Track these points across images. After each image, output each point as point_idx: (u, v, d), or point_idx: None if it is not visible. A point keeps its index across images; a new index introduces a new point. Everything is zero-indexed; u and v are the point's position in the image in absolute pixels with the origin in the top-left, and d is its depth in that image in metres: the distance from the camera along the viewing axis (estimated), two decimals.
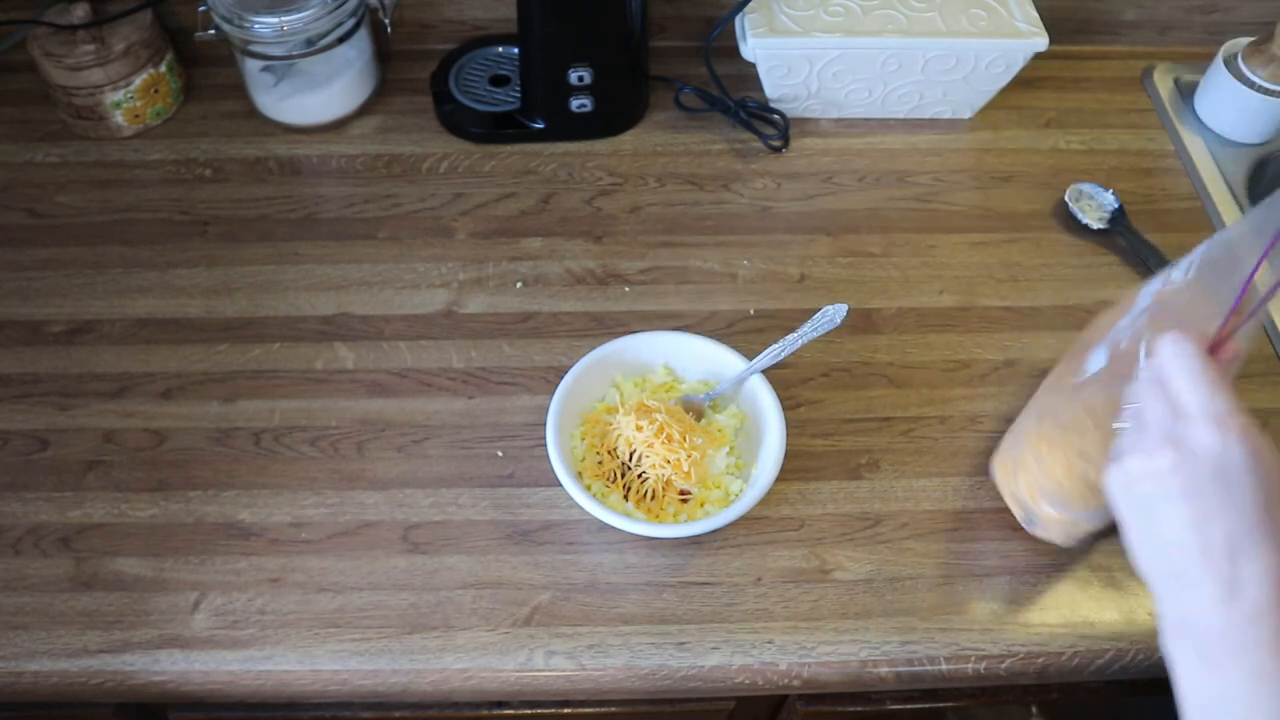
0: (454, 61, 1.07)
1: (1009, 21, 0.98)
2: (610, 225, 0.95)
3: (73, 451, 0.79)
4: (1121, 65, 1.11)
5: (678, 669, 0.71)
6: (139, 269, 0.91)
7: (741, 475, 0.76)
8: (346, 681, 0.70)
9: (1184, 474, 0.49)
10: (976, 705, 0.83)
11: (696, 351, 0.81)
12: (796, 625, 0.72)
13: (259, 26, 0.93)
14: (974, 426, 0.83)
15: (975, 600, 0.74)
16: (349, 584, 0.73)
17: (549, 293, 0.90)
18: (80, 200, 0.96)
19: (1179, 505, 0.49)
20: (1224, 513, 0.48)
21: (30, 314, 0.87)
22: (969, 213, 0.98)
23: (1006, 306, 0.91)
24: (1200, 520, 0.48)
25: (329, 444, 0.80)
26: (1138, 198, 0.98)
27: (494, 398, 0.83)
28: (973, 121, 1.05)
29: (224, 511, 0.76)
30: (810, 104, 1.03)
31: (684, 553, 0.76)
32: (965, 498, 0.79)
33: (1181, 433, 0.50)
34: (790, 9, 0.98)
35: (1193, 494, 0.49)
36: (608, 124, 1.02)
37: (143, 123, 1.01)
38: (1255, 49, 1.00)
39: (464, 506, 0.77)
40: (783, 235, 0.95)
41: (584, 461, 0.77)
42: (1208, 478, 0.48)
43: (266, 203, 0.96)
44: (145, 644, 0.70)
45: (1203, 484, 0.48)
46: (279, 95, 1.00)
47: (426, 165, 1.00)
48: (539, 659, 0.70)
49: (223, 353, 0.85)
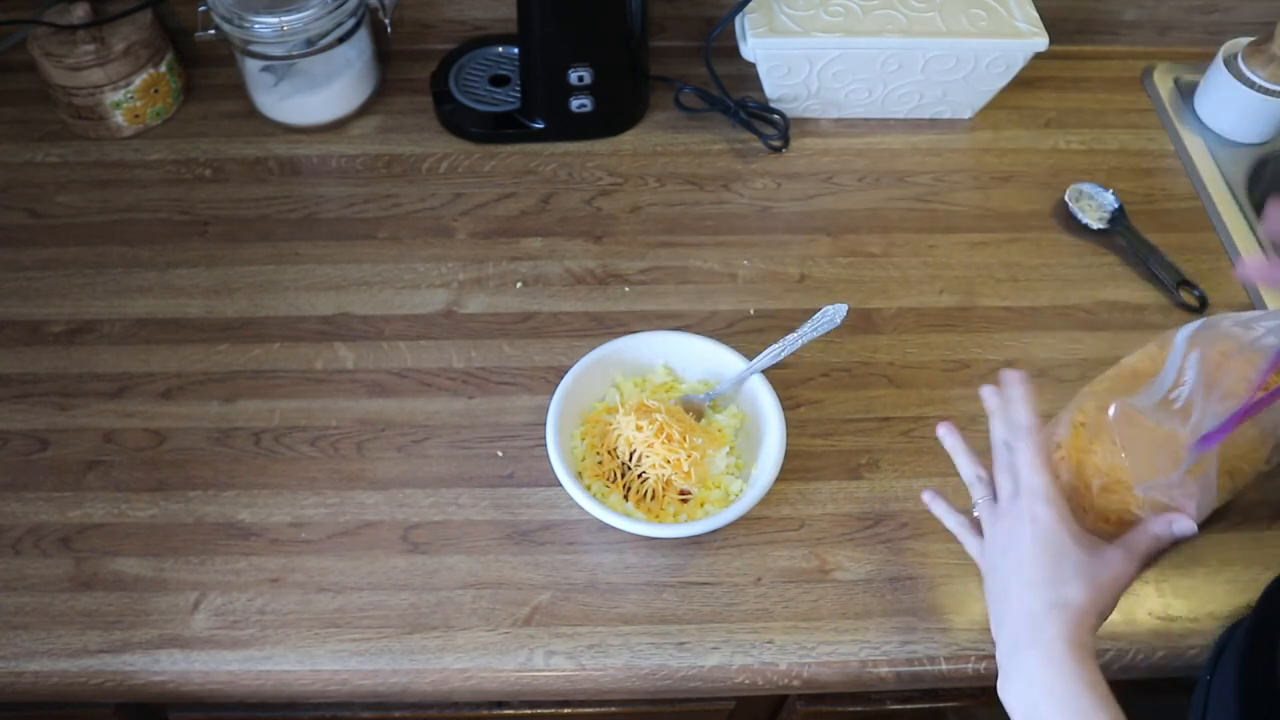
0: (454, 61, 1.07)
1: (1009, 21, 0.98)
2: (610, 225, 0.95)
3: (73, 451, 0.79)
4: (1121, 65, 1.11)
5: (678, 669, 0.71)
6: (139, 269, 0.91)
7: (741, 475, 0.76)
8: (346, 681, 0.70)
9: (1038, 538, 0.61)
10: (976, 705, 0.83)
11: (696, 351, 0.81)
12: (796, 625, 0.72)
13: (259, 26, 0.93)
14: (974, 426, 0.83)
15: (975, 600, 0.74)
16: (349, 584, 0.73)
17: (549, 293, 0.90)
18: (80, 200, 0.96)
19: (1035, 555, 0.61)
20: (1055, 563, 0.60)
21: (30, 314, 0.87)
22: (969, 213, 0.98)
23: (1006, 306, 0.91)
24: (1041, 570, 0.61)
25: (329, 444, 0.80)
26: (1138, 198, 0.98)
27: (494, 398, 0.83)
28: (973, 121, 1.05)
29: (224, 511, 0.76)
30: (810, 104, 1.03)
31: (684, 553, 0.76)
32: (965, 498, 0.79)
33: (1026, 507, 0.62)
34: (790, 9, 0.98)
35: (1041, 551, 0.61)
36: (608, 124, 1.02)
37: (143, 123, 1.01)
38: (1255, 49, 1.00)
39: (464, 506, 0.77)
40: (783, 235, 0.95)
41: (584, 461, 0.77)
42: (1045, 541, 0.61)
43: (266, 203, 0.96)
44: (145, 644, 0.70)
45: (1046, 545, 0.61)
46: (279, 95, 1.00)
47: (426, 165, 1.00)
48: (539, 659, 0.70)
49: (223, 353, 0.85)
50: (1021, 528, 0.62)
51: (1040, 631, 0.58)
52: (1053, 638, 0.58)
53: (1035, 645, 0.58)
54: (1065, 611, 0.59)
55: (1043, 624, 0.58)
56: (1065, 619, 0.58)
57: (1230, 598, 0.74)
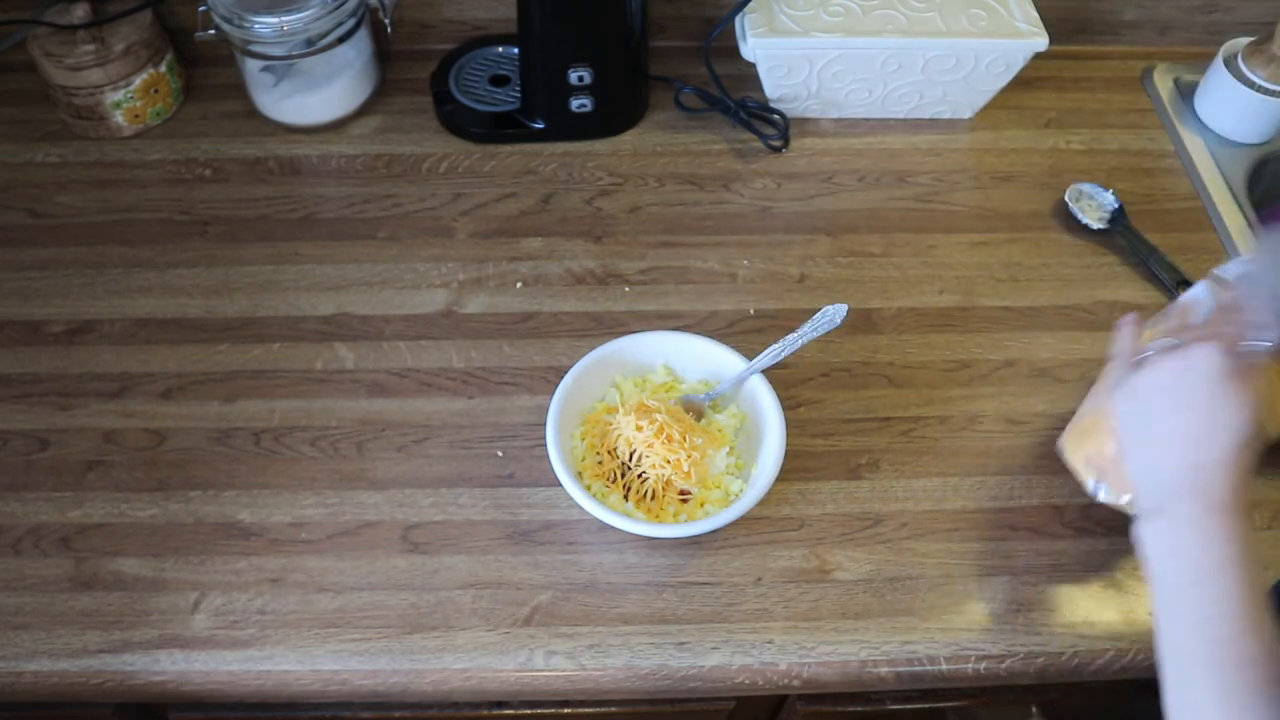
0: (454, 61, 1.07)
1: (1009, 21, 0.98)
2: (610, 225, 0.95)
3: (73, 451, 0.79)
4: (1121, 65, 1.11)
5: (678, 669, 0.71)
6: (139, 269, 0.91)
7: (741, 475, 0.76)
8: (346, 681, 0.70)
9: (1183, 381, 0.60)
10: (976, 705, 0.83)
11: (696, 351, 0.81)
12: (796, 625, 0.72)
13: (259, 26, 0.93)
14: (974, 426, 0.83)
15: (975, 600, 0.74)
16: (349, 584, 0.73)
17: (549, 293, 0.90)
18: (80, 200, 0.96)
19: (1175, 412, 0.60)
20: (1208, 428, 0.59)
21: (30, 314, 0.87)
22: (969, 213, 0.98)
23: (1006, 306, 0.91)
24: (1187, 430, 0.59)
25: (329, 444, 0.80)
26: (1138, 198, 0.98)
27: (494, 398, 0.83)
28: (973, 121, 1.05)
29: (224, 511, 0.76)
30: (810, 104, 1.03)
31: (684, 553, 0.76)
32: (965, 498, 0.79)
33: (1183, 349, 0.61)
34: (790, 9, 0.98)
35: (1185, 404, 0.60)
36: (608, 124, 1.02)
37: (143, 123, 1.01)
38: (1255, 49, 1.00)
39: (464, 506, 0.77)
40: (783, 235, 0.95)
41: (584, 461, 0.77)
42: (1201, 386, 0.59)
43: (266, 203, 0.96)
44: (145, 644, 0.70)
45: (1197, 393, 0.59)
46: (279, 95, 1.00)
47: (426, 165, 1.00)
48: (539, 659, 0.70)
49: (223, 353, 0.85)
50: (1192, 370, 0.60)
51: (1196, 491, 0.58)
52: (1207, 496, 0.57)
53: (1194, 495, 0.58)
54: (1221, 471, 0.57)
55: (1197, 483, 0.58)
56: (1221, 478, 0.57)
57: None
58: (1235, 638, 0.53)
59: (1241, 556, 0.55)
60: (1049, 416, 0.84)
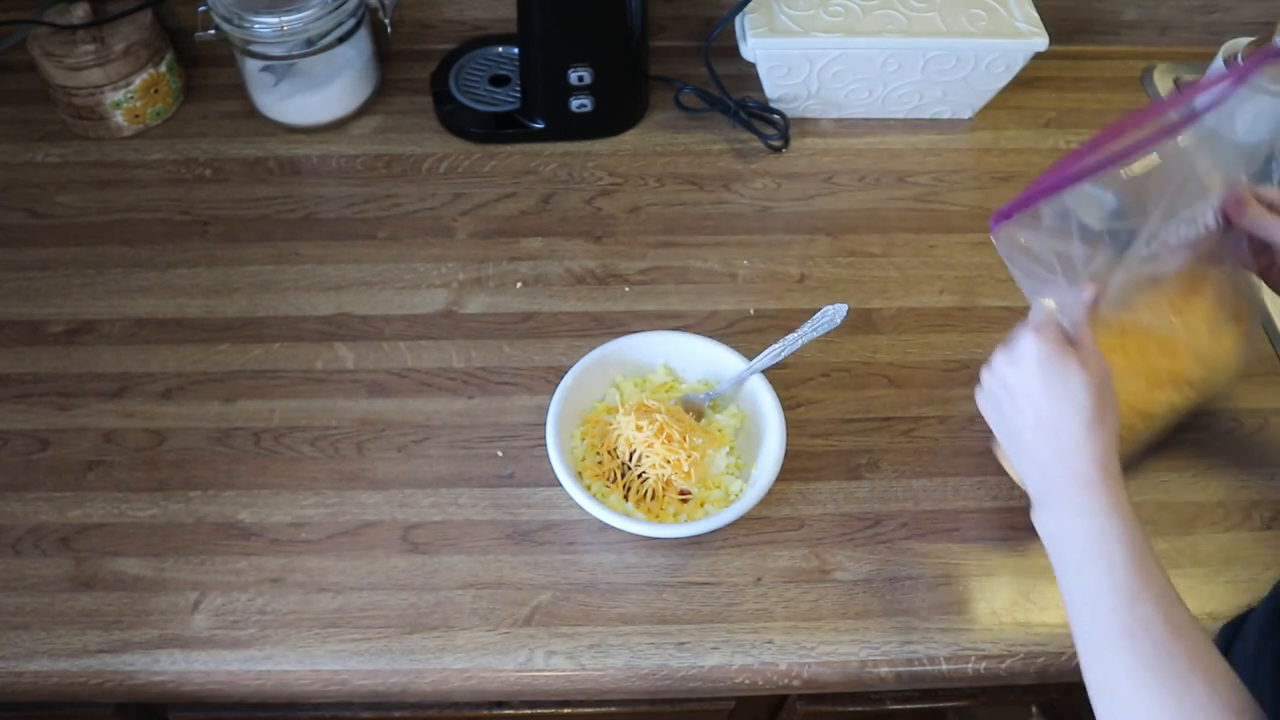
0: (454, 61, 1.07)
1: (1009, 21, 0.98)
2: (610, 225, 0.95)
3: (73, 451, 0.79)
4: (1121, 65, 1.11)
5: (678, 669, 0.71)
6: (139, 269, 0.91)
7: (741, 475, 0.76)
8: (346, 681, 0.70)
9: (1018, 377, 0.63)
10: (976, 705, 0.83)
11: (696, 351, 0.81)
12: (796, 625, 0.72)
13: (259, 26, 0.93)
14: (974, 426, 0.83)
15: (975, 600, 0.74)
16: (349, 584, 0.73)
17: (549, 293, 0.90)
18: (80, 200, 0.96)
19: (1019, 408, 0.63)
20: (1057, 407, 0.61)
21: (30, 314, 0.87)
22: (969, 213, 0.98)
23: (1006, 306, 0.90)
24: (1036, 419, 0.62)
25: (329, 444, 0.80)
26: None
27: (494, 398, 0.83)
28: (973, 121, 1.05)
29: (224, 511, 0.76)
30: (810, 104, 1.03)
31: (684, 553, 0.76)
32: (965, 498, 0.79)
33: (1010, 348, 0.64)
34: (790, 9, 0.98)
35: (1026, 397, 0.62)
36: (608, 124, 1.02)
37: (143, 123, 1.01)
38: (1255, 49, 1.00)
39: (464, 506, 0.77)
40: (783, 235, 0.95)
41: (584, 461, 0.77)
42: (1032, 377, 0.62)
43: (266, 203, 0.96)
44: (145, 644, 0.70)
45: (1031, 384, 0.62)
46: (279, 95, 1.00)
47: (426, 165, 1.00)
48: (539, 659, 0.70)
49: (223, 353, 0.85)
50: (1017, 365, 0.63)
51: (1064, 474, 0.60)
52: (1074, 477, 0.59)
53: (1064, 480, 0.60)
54: (1080, 450, 0.59)
55: (1064, 467, 0.60)
56: (1082, 456, 0.59)
57: (1230, 598, 0.74)
58: (1130, 604, 0.55)
59: (1121, 525, 0.57)
60: None
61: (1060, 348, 0.61)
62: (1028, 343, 0.62)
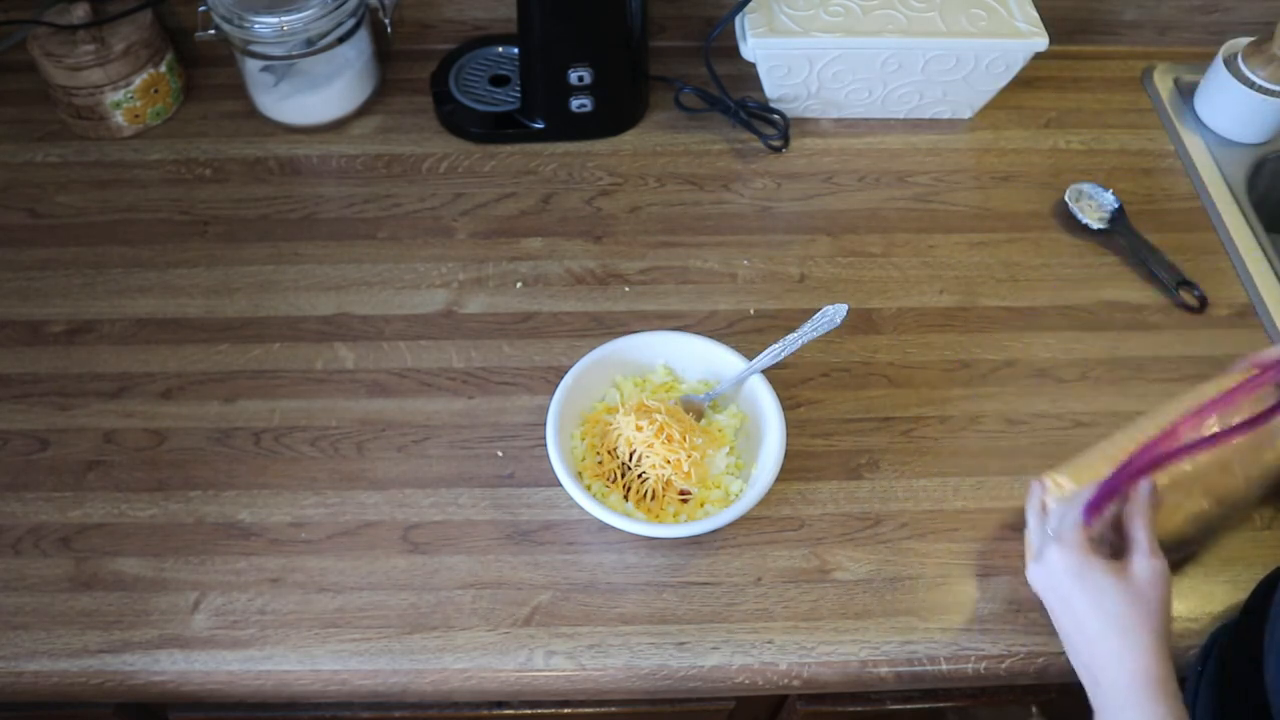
0: (454, 61, 1.07)
1: (1009, 21, 0.98)
2: (610, 225, 0.95)
3: (73, 451, 0.79)
4: (1121, 65, 1.11)
5: (678, 669, 0.71)
6: (139, 269, 0.91)
7: (741, 475, 0.76)
8: (346, 681, 0.70)
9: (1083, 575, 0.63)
10: (976, 705, 0.83)
11: (696, 351, 0.81)
12: (796, 625, 0.72)
13: (259, 26, 0.93)
14: (974, 426, 0.83)
15: (975, 600, 0.74)
16: (349, 584, 0.73)
17: (549, 293, 0.90)
18: (80, 200, 0.96)
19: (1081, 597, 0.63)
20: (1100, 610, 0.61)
21: (30, 314, 0.87)
22: (969, 213, 0.98)
23: (1006, 306, 0.91)
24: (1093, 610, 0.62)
25: (329, 444, 0.80)
26: (1138, 198, 0.98)
27: (494, 398, 0.83)
28: (973, 121, 1.05)
29: (224, 511, 0.76)
30: (810, 104, 1.03)
31: (684, 553, 0.76)
32: (965, 498, 0.79)
33: None
34: (790, 9, 0.98)
35: (1067, 605, 0.63)
36: (608, 124, 1.02)
37: (143, 123, 1.01)
38: (1255, 49, 1.00)
39: (464, 506, 0.77)
40: (783, 235, 0.95)
41: (584, 461, 0.77)
42: (1067, 589, 0.63)
43: (266, 203, 0.96)
44: (145, 644, 0.70)
45: (1069, 595, 0.63)
46: (279, 95, 1.00)
47: (426, 165, 1.00)
48: (539, 659, 0.70)
49: (223, 353, 0.85)
50: (1051, 574, 0.64)
51: (1107, 686, 0.60)
52: (1115, 690, 0.60)
53: (1111, 695, 0.60)
54: (1122, 661, 0.60)
55: (1106, 678, 0.60)
56: (1125, 668, 0.59)
57: (1230, 598, 0.74)
58: None
59: None
60: (1049, 416, 0.84)
61: (1084, 556, 0.62)
62: (1054, 556, 0.64)
